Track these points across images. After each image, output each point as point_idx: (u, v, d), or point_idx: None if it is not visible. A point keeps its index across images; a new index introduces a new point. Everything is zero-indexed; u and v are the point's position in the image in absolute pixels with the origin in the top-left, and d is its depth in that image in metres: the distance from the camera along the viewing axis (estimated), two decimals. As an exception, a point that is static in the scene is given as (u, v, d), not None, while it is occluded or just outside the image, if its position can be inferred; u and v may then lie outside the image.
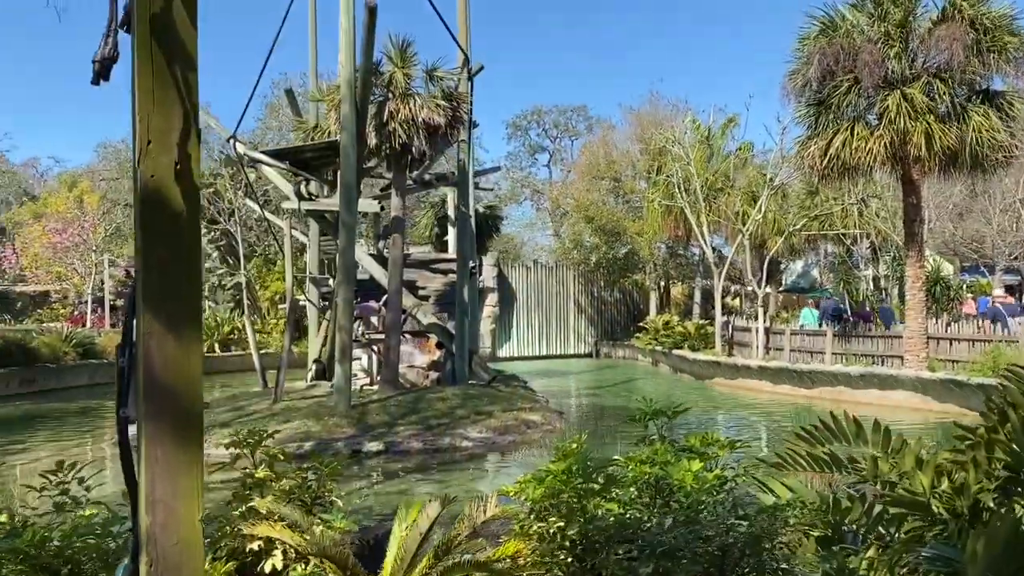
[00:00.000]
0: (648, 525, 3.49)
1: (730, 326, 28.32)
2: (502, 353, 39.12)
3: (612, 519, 3.90)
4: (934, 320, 20.08)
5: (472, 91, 19.90)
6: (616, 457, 4.27)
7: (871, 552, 2.52)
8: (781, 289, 38.42)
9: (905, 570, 2.64)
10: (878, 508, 3.29)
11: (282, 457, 5.10)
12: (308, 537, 4.19)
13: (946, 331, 19.36)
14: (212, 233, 38.23)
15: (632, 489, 4.20)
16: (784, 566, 3.04)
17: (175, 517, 1.84)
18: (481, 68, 20.04)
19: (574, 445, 4.77)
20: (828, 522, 3.38)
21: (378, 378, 18.93)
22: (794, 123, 21.74)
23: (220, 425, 14.30)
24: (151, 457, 1.83)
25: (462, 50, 19.64)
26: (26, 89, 76.10)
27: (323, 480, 5.30)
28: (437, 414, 15.62)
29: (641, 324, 35.22)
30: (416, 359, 20.64)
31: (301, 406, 16.03)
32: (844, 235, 30.23)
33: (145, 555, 1.84)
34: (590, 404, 23.12)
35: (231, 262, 37.31)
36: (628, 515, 4.01)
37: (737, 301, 40.28)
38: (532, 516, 4.20)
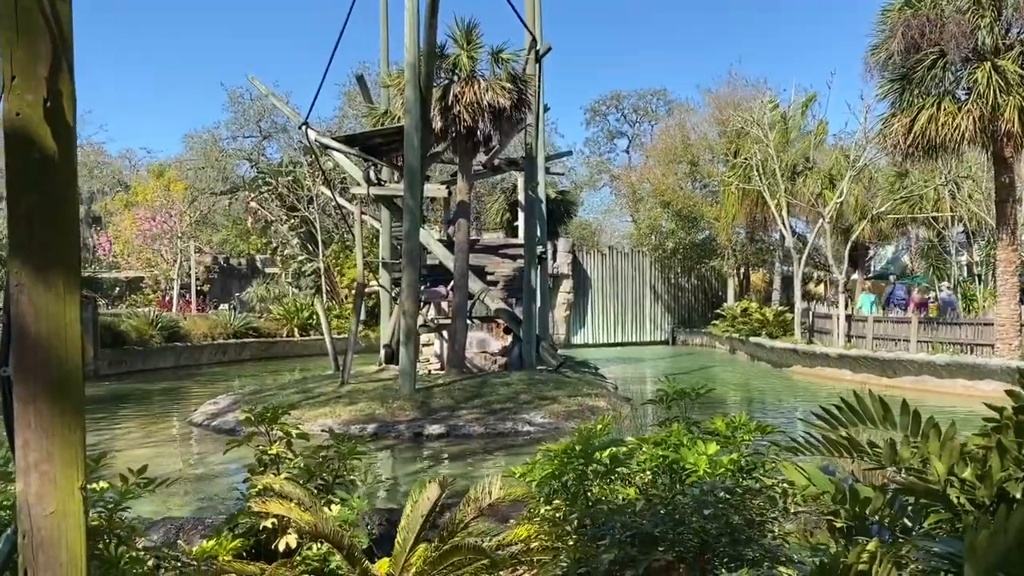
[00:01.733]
0: (646, 509, 3.22)
1: (810, 313, 27.33)
2: (577, 340, 38.83)
3: (622, 503, 3.65)
4: (1030, 307, 18.85)
5: (540, 73, 19.64)
6: (628, 438, 4.00)
7: (872, 545, 2.22)
8: (869, 276, 36.92)
9: (915, 565, 2.32)
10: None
11: (294, 434, 5.00)
12: (310, 516, 4.08)
13: (1042, 318, 18.16)
14: (292, 220, 39.17)
15: (648, 473, 3.93)
16: (770, 557, 2.75)
17: (51, 484, 1.70)
18: (549, 49, 19.75)
19: (599, 427, 4.54)
20: (850, 512, 3.06)
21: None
22: (877, 100, 20.69)
23: (288, 407, 14.56)
24: (24, 420, 1.70)
25: (529, 31, 19.40)
26: (121, 81, 79.33)
27: (344, 459, 5.21)
28: (501, 399, 15.49)
29: (719, 311, 34.41)
30: (490, 345, 20.61)
31: (367, 389, 16.15)
32: (935, 219, 28.77)
33: (20, 525, 1.70)
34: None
35: (311, 249, 38.11)
36: (642, 500, 3.76)
37: (821, 288, 38.96)
38: (541, 499, 3.99)
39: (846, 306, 24.77)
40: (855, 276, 32.78)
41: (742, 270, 39.22)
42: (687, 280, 41.62)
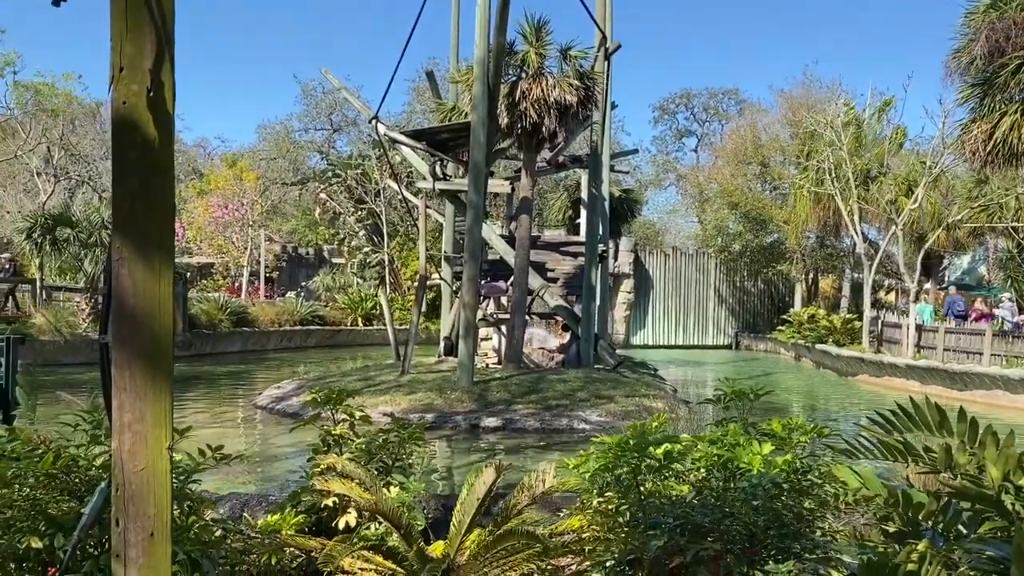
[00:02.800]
0: (697, 501, 3.28)
1: (879, 322, 26.71)
2: (636, 340, 38.64)
3: (675, 498, 3.71)
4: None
5: (609, 70, 19.64)
6: (683, 435, 4.05)
7: (922, 546, 2.24)
8: (943, 285, 35.86)
9: (964, 568, 2.33)
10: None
11: (356, 417, 5.17)
12: (370, 496, 4.24)
13: None
14: (359, 212, 39.89)
15: (702, 471, 3.98)
16: (818, 552, 2.77)
17: (142, 443, 1.86)
18: (618, 47, 19.73)
19: (654, 424, 4.59)
20: (903, 516, 3.06)
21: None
22: (956, 105, 20.09)
23: (351, 393, 14.91)
24: (120, 383, 1.86)
25: (599, 28, 19.39)
26: (198, 73, 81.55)
27: (403, 442, 5.36)
28: (557, 395, 15.56)
29: (785, 316, 33.85)
30: (548, 342, 20.70)
31: (427, 379, 16.40)
32: (1015, 229, 27.79)
33: (113, 479, 1.87)
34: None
35: (376, 241, 38.75)
36: (692, 493, 3.81)
37: (892, 296, 37.99)
38: (594, 491, 4.07)
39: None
40: (928, 285, 31.89)
41: (810, 275, 38.50)
42: (753, 284, 41.02)
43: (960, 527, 2.97)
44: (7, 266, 25.11)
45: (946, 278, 37.87)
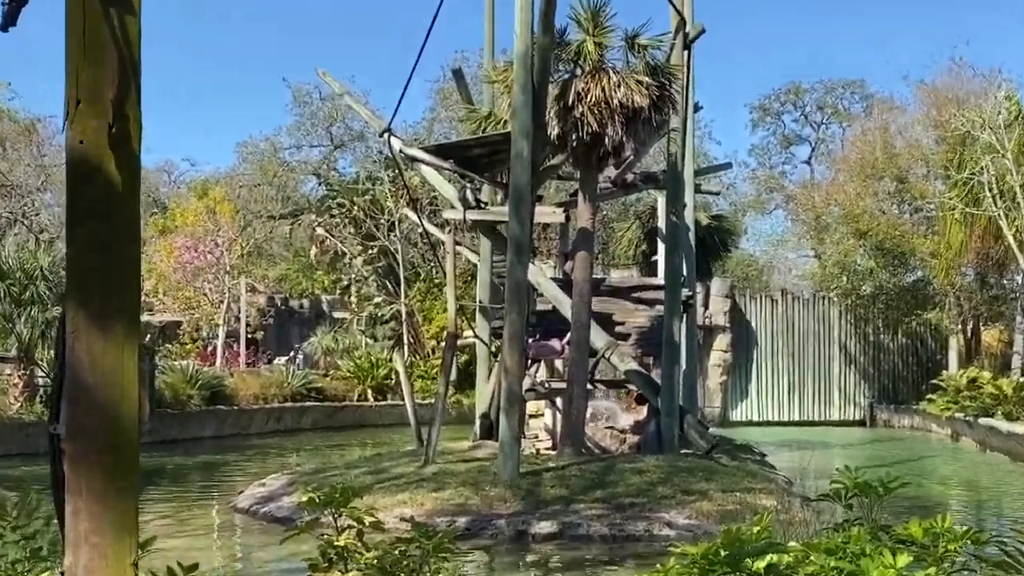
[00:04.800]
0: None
1: (1068, 387, 26.20)
2: (735, 416, 38.36)
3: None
4: None
5: (690, 63, 19.85)
6: (791, 543, 4.07)
7: None
8: None
9: None
10: None
11: (366, 523, 5.26)
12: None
13: None
14: (369, 251, 40.49)
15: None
16: None
17: (101, 559, 1.98)
18: (701, 31, 19.97)
19: (756, 528, 4.61)
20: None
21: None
22: None
23: (358, 491, 15.00)
24: (75, 484, 1.99)
25: (676, 10, 19.64)
26: (160, 76, 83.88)
27: (428, 556, 5.44)
28: (631, 491, 15.48)
29: (936, 381, 33.33)
30: (618, 419, 20.66)
31: (458, 471, 16.46)
32: None
33: (67, 603, 1.99)
34: (853, 489, 22.05)
35: (390, 288, 39.19)
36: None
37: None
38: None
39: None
40: None
41: (969, 325, 37.96)
42: (891, 338, 40.54)
43: None
44: None
45: None
